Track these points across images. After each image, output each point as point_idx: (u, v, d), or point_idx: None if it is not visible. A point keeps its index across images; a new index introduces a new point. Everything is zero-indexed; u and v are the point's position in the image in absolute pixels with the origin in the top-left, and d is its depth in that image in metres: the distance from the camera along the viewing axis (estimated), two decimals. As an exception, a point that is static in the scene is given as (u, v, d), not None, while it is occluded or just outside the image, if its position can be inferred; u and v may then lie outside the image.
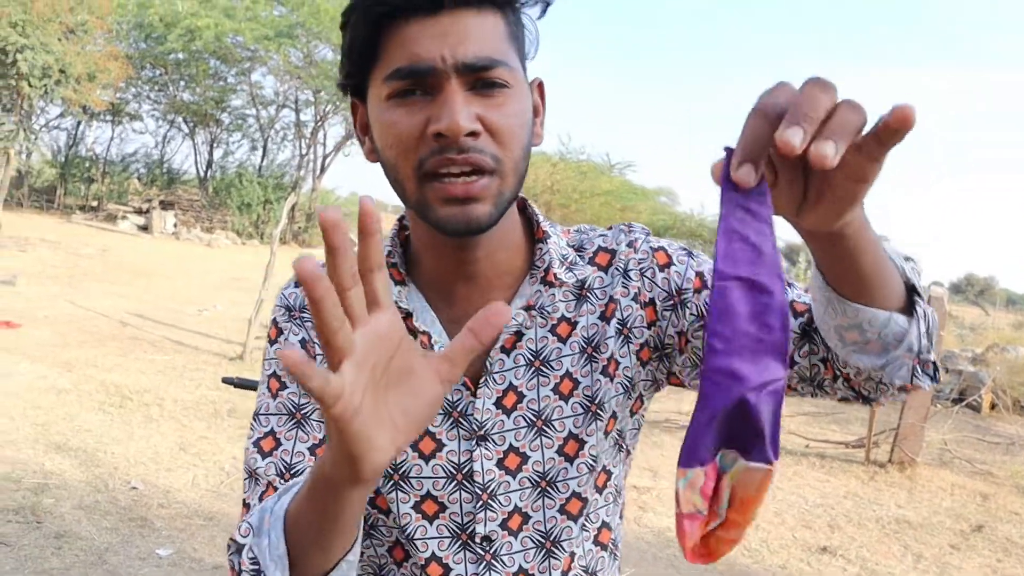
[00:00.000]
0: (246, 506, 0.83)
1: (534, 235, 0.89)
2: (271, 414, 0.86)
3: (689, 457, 0.53)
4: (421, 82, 0.74)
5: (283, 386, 0.86)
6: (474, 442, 0.84)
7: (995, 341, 13.76)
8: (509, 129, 0.75)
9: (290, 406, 0.85)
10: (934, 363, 0.73)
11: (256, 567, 0.71)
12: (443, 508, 0.85)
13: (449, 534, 0.85)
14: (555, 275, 0.86)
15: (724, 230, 0.52)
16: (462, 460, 0.84)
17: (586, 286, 0.88)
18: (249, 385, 2.15)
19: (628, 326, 0.87)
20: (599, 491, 0.90)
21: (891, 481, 5.72)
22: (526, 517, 0.86)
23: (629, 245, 0.89)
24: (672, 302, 0.87)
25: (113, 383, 5.68)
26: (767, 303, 0.52)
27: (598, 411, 0.86)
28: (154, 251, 15.95)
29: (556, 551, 0.87)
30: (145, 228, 20.17)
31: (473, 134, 0.73)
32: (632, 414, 0.90)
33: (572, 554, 0.88)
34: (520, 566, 0.86)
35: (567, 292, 0.87)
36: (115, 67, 18.88)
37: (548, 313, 0.86)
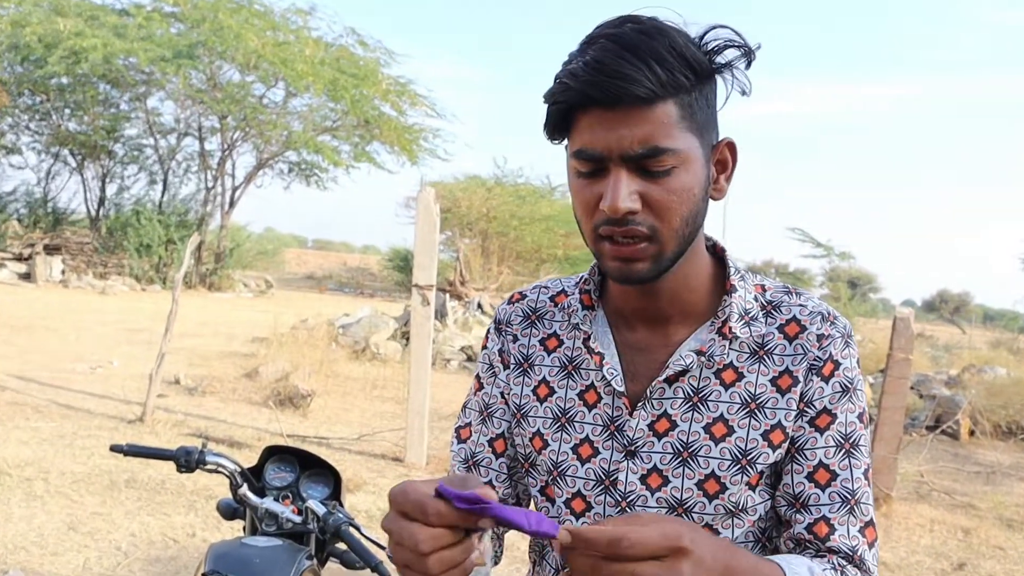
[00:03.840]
0: None
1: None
2: (471, 408, 1.18)
3: None
4: (595, 163, 0.95)
5: (481, 386, 1.17)
6: (624, 455, 1.05)
7: (971, 362, 14.20)
8: (668, 204, 0.95)
9: (482, 404, 1.16)
10: None
11: None
12: (589, 507, 1.07)
13: None
14: (731, 328, 1.03)
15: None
16: (611, 468, 1.06)
17: (765, 347, 1.04)
18: (143, 453, 2.01)
19: (805, 401, 1.03)
20: (737, 529, 1.05)
21: (867, 520, 5.82)
22: None
23: (819, 338, 1.03)
24: (805, 416, 1.04)
25: (-11, 457, 5.48)
26: None
27: (748, 466, 1.02)
28: (38, 302, 15.49)
29: None
30: (27, 276, 19.60)
31: (631, 212, 0.94)
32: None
33: None
34: None
35: (743, 344, 1.04)
36: (-13, 95, 18.45)
37: (716, 360, 1.04)
